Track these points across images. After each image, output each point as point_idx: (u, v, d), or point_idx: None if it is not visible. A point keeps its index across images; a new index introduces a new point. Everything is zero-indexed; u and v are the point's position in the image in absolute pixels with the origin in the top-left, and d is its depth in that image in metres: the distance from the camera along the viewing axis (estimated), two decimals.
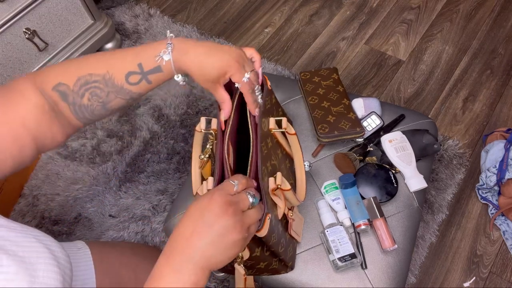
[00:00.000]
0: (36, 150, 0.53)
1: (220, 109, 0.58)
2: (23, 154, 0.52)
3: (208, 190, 0.53)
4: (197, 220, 0.47)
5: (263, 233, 0.54)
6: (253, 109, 0.59)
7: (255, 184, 0.56)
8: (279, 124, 0.67)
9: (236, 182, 0.50)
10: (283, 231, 0.66)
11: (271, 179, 0.60)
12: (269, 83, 0.67)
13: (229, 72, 0.53)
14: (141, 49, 0.54)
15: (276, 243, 0.62)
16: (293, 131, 0.67)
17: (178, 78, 0.55)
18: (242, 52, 0.56)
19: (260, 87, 0.59)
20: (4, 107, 0.50)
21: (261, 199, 0.55)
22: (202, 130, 0.65)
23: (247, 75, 0.54)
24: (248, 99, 0.57)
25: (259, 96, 0.59)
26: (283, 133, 0.70)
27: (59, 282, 0.43)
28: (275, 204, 0.62)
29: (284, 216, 0.69)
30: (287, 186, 0.60)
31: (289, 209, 0.70)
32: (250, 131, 0.59)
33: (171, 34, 0.54)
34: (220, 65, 0.53)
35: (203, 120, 0.64)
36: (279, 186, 0.59)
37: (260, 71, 0.61)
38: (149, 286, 0.46)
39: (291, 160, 0.78)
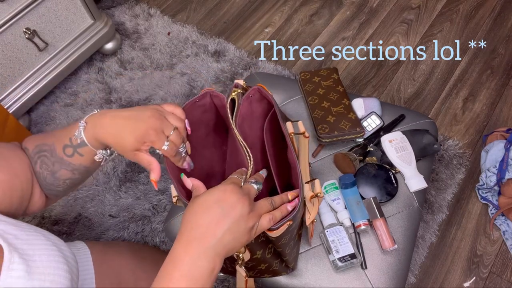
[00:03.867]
0: (30, 199, 0.58)
1: (150, 171, 0.57)
2: (27, 193, 0.57)
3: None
4: (214, 210, 0.49)
5: (275, 234, 0.55)
6: (180, 165, 0.59)
7: (264, 175, 0.59)
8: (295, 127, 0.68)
9: (243, 177, 0.55)
10: (295, 235, 0.66)
11: (306, 186, 0.60)
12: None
13: (147, 141, 0.53)
14: (75, 123, 0.56)
15: (285, 244, 0.62)
16: (308, 135, 0.68)
17: (96, 156, 0.57)
18: (159, 114, 0.55)
19: (185, 145, 0.58)
20: (14, 151, 0.57)
21: (258, 186, 0.57)
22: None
23: (166, 143, 0.54)
24: (173, 160, 0.58)
25: (183, 151, 0.59)
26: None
27: (68, 280, 0.44)
28: (304, 211, 0.62)
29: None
30: (322, 194, 0.61)
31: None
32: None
33: (95, 111, 0.57)
34: (137, 135, 0.53)
35: None
36: (318, 194, 0.59)
37: (186, 123, 0.60)
38: (169, 275, 0.47)
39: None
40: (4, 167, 0.54)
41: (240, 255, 0.57)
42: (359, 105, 0.95)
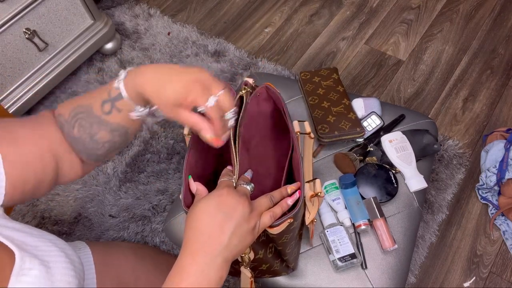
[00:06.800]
0: (55, 177, 0.54)
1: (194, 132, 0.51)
2: (44, 180, 0.53)
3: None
4: (215, 215, 0.48)
5: (275, 231, 0.54)
6: (219, 135, 0.50)
7: (249, 176, 0.58)
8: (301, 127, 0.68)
9: (234, 177, 0.54)
10: (297, 235, 0.66)
11: (307, 185, 0.60)
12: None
13: (190, 95, 0.47)
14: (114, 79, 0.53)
15: (286, 243, 0.62)
16: (313, 136, 0.68)
17: (133, 112, 0.51)
18: (209, 74, 0.50)
19: (235, 110, 0.51)
20: (35, 130, 0.52)
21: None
22: (190, 134, 0.65)
23: (212, 98, 0.47)
24: (214, 124, 0.49)
25: (232, 120, 0.51)
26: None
27: (75, 284, 0.44)
28: (304, 210, 0.62)
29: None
30: (323, 193, 0.61)
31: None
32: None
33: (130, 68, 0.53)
34: (180, 86, 0.47)
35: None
36: (318, 194, 0.59)
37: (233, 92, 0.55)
38: (176, 287, 0.46)
39: None
40: (16, 162, 0.49)
41: (245, 256, 0.57)
42: (359, 105, 0.95)
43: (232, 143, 0.58)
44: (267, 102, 0.68)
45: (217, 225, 0.48)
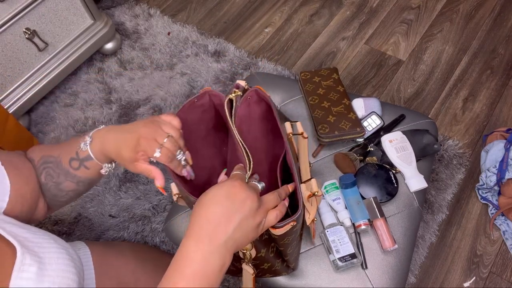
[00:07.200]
0: (27, 215, 0.58)
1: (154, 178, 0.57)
2: (33, 206, 0.58)
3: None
4: (224, 204, 0.49)
5: (278, 232, 0.54)
6: (179, 172, 0.59)
7: (257, 178, 0.59)
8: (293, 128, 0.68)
9: (246, 174, 0.56)
10: (298, 236, 0.66)
11: (303, 185, 0.60)
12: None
13: (140, 150, 0.55)
14: (82, 136, 0.59)
15: (288, 244, 0.62)
16: (306, 135, 0.68)
17: (102, 170, 0.59)
18: (151, 123, 0.56)
19: (181, 151, 0.58)
20: (24, 162, 0.58)
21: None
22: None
23: (158, 150, 0.54)
24: (170, 166, 0.57)
25: (182, 158, 0.58)
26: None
27: (76, 282, 0.45)
28: (304, 211, 0.62)
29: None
30: (320, 192, 0.60)
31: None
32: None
33: (101, 126, 0.59)
34: (131, 145, 0.55)
35: None
36: (315, 194, 0.59)
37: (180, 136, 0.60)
38: (174, 274, 0.47)
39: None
40: (16, 175, 0.54)
41: (247, 252, 0.57)
42: (359, 105, 0.95)
43: (240, 142, 0.58)
44: (257, 105, 0.68)
45: (225, 215, 0.48)
